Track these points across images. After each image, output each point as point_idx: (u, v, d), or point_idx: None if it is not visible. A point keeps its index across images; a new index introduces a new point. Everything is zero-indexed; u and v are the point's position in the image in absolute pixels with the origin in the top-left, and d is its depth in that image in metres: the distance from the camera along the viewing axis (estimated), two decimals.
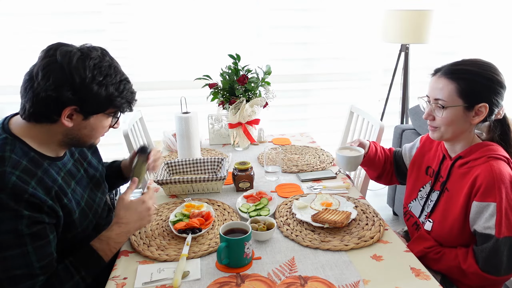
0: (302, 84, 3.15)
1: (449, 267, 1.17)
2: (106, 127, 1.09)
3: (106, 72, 0.99)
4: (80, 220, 1.09)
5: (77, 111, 0.98)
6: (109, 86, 1.00)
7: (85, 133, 1.05)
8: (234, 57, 1.95)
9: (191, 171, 1.68)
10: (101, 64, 0.98)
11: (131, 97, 1.09)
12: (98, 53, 1.00)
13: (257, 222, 1.22)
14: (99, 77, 0.97)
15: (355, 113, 2.16)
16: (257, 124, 2.03)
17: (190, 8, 2.79)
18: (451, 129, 1.17)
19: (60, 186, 1.03)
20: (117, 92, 1.02)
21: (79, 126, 1.02)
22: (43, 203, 0.94)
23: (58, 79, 0.93)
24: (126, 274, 1.06)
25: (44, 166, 1.00)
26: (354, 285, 1.00)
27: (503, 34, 3.22)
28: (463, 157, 1.19)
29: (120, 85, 1.03)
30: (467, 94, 1.12)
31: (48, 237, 0.97)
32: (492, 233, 1.07)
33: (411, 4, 2.98)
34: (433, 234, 1.24)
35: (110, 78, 1.00)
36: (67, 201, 1.03)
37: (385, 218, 2.74)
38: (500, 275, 1.09)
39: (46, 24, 2.64)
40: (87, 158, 1.25)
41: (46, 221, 0.96)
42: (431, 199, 1.28)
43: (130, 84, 1.07)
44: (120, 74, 1.04)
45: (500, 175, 1.08)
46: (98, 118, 1.04)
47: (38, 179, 0.96)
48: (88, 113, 1.01)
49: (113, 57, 1.06)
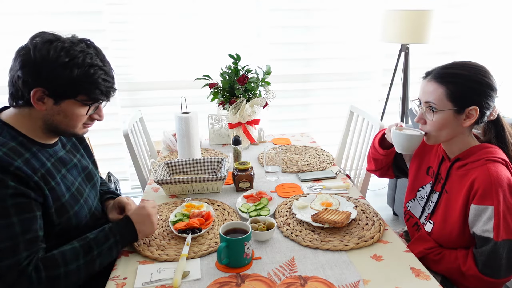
0: (302, 84, 3.15)
1: (448, 268, 1.17)
2: (81, 116, 1.05)
3: (74, 55, 0.97)
4: (71, 203, 1.08)
5: (46, 94, 0.98)
6: (74, 69, 0.97)
7: (60, 119, 1.03)
8: (234, 57, 1.95)
9: (191, 171, 1.68)
10: (70, 48, 0.97)
11: (104, 86, 1.03)
12: (73, 39, 1.01)
13: (257, 222, 1.23)
14: (64, 58, 0.96)
15: (355, 113, 2.16)
16: (257, 124, 2.03)
17: (190, 8, 2.79)
18: (444, 133, 1.17)
19: (48, 170, 1.03)
20: (84, 77, 0.99)
21: (52, 111, 1.01)
22: (29, 177, 0.94)
23: (23, 60, 0.96)
24: (126, 274, 1.06)
25: (33, 150, 1.02)
26: (354, 285, 1.00)
27: (503, 34, 3.22)
28: (462, 159, 1.19)
29: (90, 70, 0.99)
30: (456, 98, 1.12)
31: (34, 212, 0.96)
32: (490, 236, 1.07)
33: (411, 4, 2.98)
34: (433, 236, 1.24)
35: (76, 60, 0.97)
36: (54, 184, 1.03)
37: (385, 218, 2.74)
38: (500, 277, 1.09)
39: (46, 24, 2.64)
40: (80, 151, 1.26)
41: (32, 196, 0.95)
42: (431, 200, 1.28)
43: (102, 71, 1.02)
44: (92, 60, 1.00)
45: (497, 178, 1.07)
46: (70, 105, 1.02)
47: (25, 159, 0.97)
48: (57, 97, 0.99)
49: (96, 48, 1.05)
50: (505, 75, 3.18)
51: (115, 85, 1.09)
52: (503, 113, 2.76)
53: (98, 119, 1.12)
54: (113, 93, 1.09)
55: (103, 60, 1.04)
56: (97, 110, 1.09)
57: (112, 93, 1.08)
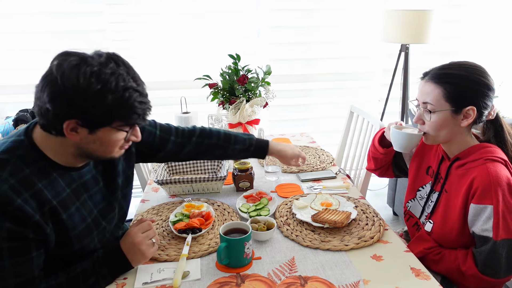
0: (302, 84, 3.15)
1: (448, 268, 1.17)
2: (119, 141, 0.97)
3: (105, 80, 0.87)
4: (80, 237, 1.01)
5: (80, 125, 0.90)
6: (108, 96, 0.87)
7: (95, 147, 0.96)
8: (234, 57, 1.95)
9: (191, 171, 1.68)
10: (100, 72, 0.87)
11: (141, 108, 0.94)
12: (101, 59, 0.90)
13: (257, 222, 1.23)
14: (96, 86, 0.86)
15: (355, 113, 2.16)
16: (257, 124, 2.03)
17: (190, 8, 2.79)
18: (442, 133, 1.17)
19: (62, 200, 0.97)
20: (120, 103, 0.89)
21: (86, 140, 0.93)
22: (29, 217, 0.88)
23: (52, 92, 0.86)
24: (126, 274, 1.05)
25: (53, 176, 0.96)
26: (354, 285, 1.00)
27: (503, 34, 3.22)
28: (461, 159, 1.19)
29: (124, 94, 0.89)
30: (454, 98, 1.12)
31: (30, 254, 0.91)
32: (489, 235, 1.07)
33: (411, 4, 2.98)
34: (433, 235, 1.24)
35: (109, 86, 0.87)
36: (66, 217, 0.97)
37: (385, 218, 2.74)
38: (499, 277, 1.09)
39: (46, 24, 2.64)
40: (115, 170, 1.15)
41: (30, 237, 0.89)
42: (431, 199, 1.28)
43: (138, 93, 0.93)
44: (125, 82, 0.90)
45: (496, 178, 1.07)
46: (106, 132, 0.93)
47: (34, 191, 0.91)
48: (92, 127, 0.91)
49: (125, 63, 0.95)
50: (505, 75, 3.18)
51: (150, 102, 0.99)
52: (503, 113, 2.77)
53: (134, 140, 1.03)
54: (150, 112, 0.99)
55: (135, 78, 0.94)
56: (133, 131, 1.01)
57: (149, 113, 0.99)
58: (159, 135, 1.32)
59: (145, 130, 1.28)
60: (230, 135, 1.40)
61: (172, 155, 1.36)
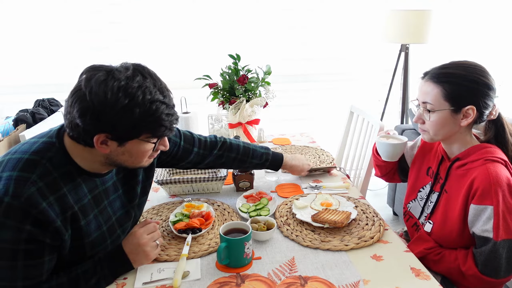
0: (302, 84, 3.15)
1: (448, 269, 1.17)
2: (147, 152, 0.99)
3: (133, 95, 0.88)
4: (94, 244, 1.02)
5: (109, 138, 0.91)
6: (135, 110, 0.88)
7: (125, 159, 0.98)
8: (234, 57, 1.95)
9: (191, 171, 1.68)
10: (127, 86, 0.88)
11: (168, 121, 0.95)
12: (128, 73, 0.90)
13: (257, 222, 1.22)
14: (123, 100, 0.87)
15: (355, 113, 2.16)
16: (257, 124, 2.03)
17: (190, 8, 2.79)
18: (441, 132, 1.18)
19: (83, 206, 0.98)
20: (147, 116, 0.90)
21: (116, 152, 0.95)
22: (50, 223, 0.89)
23: (82, 108, 0.87)
24: (126, 274, 1.05)
25: (77, 182, 0.97)
26: (354, 285, 1.00)
27: (503, 34, 3.22)
28: (461, 159, 1.19)
29: (151, 106, 0.90)
30: (453, 97, 1.12)
31: (43, 258, 0.92)
32: (490, 236, 1.07)
33: (411, 4, 2.98)
34: (433, 236, 1.24)
35: (136, 100, 0.88)
36: (84, 224, 0.98)
37: (385, 218, 2.74)
38: (499, 277, 1.09)
39: (46, 24, 2.64)
40: (136, 178, 1.16)
41: (47, 242, 0.91)
42: (431, 200, 1.28)
43: (164, 105, 0.93)
44: (152, 95, 0.91)
45: (496, 178, 1.07)
46: (135, 144, 0.95)
47: (59, 195, 0.92)
48: (121, 140, 0.93)
49: (152, 74, 0.96)
50: (505, 75, 3.18)
51: (177, 113, 1.00)
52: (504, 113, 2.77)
53: (163, 150, 1.05)
54: (177, 123, 1.00)
55: (161, 90, 0.95)
56: (161, 141, 1.02)
57: (176, 123, 1.00)
58: (183, 146, 1.34)
59: (170, 140, 1.29)
60: (249, 149, 1.46)
61: (192, 165, 1.41)
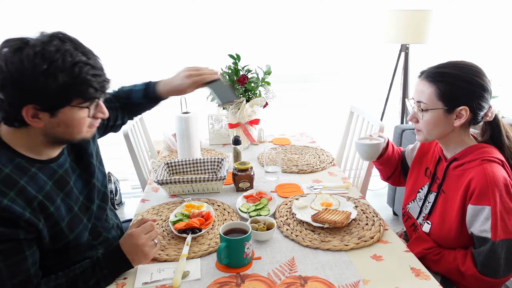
0: (302, 84, 3.15)
1: (448, 269, 1.17)
2: (83, 120, 0.95)
3: (51, 58, 0.84)
4: (71, 227, 1.02)
5: (38, 109, 0.88)
6: (57, 74, 0.84)
7: (62, 130, 0.93)
8: (234, 57, 1.95)
9: (191, 171, 1.68)
10: (44, 51, 0.84)
11: (96, 81, 0.91)
12: (43, 38, 0.87)
13: (257, 222, 1.22)
14: (42, 65, 0.83)
15: (355, 113, 2.16)
16: (257, 124, 2.03)
17: (190, 8, 2.79)
18: (434, 132, 1.18)
19: (47, 193, 0.96)
20: (71, 79, 0.86)
21: (50, 124, 0.91)
22: (18, 217, 0.87)
23: (0, 80, 0.85)
24: (126, 274, 1.05)
25: (31, 172, 0.94)
26: (354, 285, 1.00)
27: (503, 34, 3.22)
28: (458, 159, 1.19)
29: (74, 69, 0.86)
30: (446, 97, 1.12)
31: (23, 253, 0.90)
32: (488, 236, 1.07)
33: (411, 4, 2.98)
34: (432, 236, 1.24)
35: (56, 63, 0.84)
36: (53, 210, 0.97)
37: (385, 218, 2.74)
38: (499, 277, 1.09)
39: (46, 24, 2.64)
40: (87, 152, 1.14)
41: (21, 237, 0.89)
42: (428, 200, 1.28)
43: (89, 66, 0.89)
44: (73, 57, 0.87)
45: (493, 179, 1.07)
46: (68, 113, 0.91)
47: (19, 189, 0.90)
48: (51, 109, 0.89)
49: (72, 39, 0.91)
50: (505, 75, 3.18)
51: (106, 75, 0.96)
52: (503, 113, 2.76)
53: (102, 117, 1.01)
54: (108, 85, 0.97)
55: (85, 52, 0.91)
56: (98, 108, 0.99)
57: (107, 86, 0.96)
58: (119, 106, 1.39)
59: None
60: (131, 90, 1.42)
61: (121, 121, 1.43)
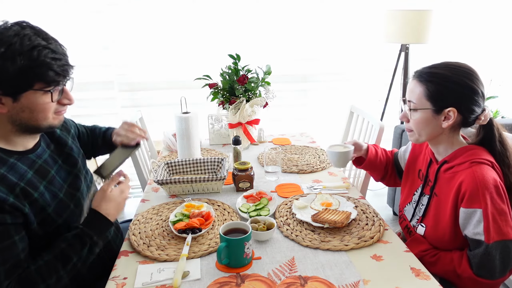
0: (302, 84, 3.15)
1: (445, 271, 1.16)
2: (48, 105, 0.96)
3: (9, 42, 0.86)
4: (58, 212, 1.04)
5: (1, 94, 0.90)
6: (16, 57, 0.86)
7: (27, 116, 0.95)
8: (234, 57, 1.95)
9: (191, 171, 1.68)
10: (2, 36, 0.87)
11: (56, 65, 0.92)
12: (4, 25, 0.90)
13: (257, 222, 1.22)
14: (0, 49, 0.86)
15: (355, 113, 2.16)
16: (257, 124, 2.03)
17: (190, 8, 2.79)
18: (424, 132, 1.18)
19: (29, 181, 0.98)
20: (30, 61, 0.88)
21: (15, 109, 0.93)
22: (3, 201, 0.89)
23: None
24: (126, 274, 1.06)
25: (10, 162, 0.97)
26: (354, 285, 1.00)
27: (503, 34, 3.22)
28: (448, 162, 1.18)
29: (33, 52, 0.88)
30: (435, 98, 1.12)
31: (12, 238, 0.91)
32: (481, 239, 1.06)
33: (411, 4, 2.98)
34: (427, 239, 1.24)
35: (14, 47, 0.86)
36: (37, 196, 0.98)
37: (385, 218, 2.74)
38: (495, 278, 1.08)
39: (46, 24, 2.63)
40: (67, 145, 1.19)
41: (8, 222, 0.90)
42: (421, 203, 1.28)
43: (48, 49, 0.91)
44: (31, 41, 0.89)
45: (483, 181, 1.06)
46: (30, 97, 0.92)
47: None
48: (13, 93, 0.90)
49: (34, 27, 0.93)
50: (505, 75, 3.18)
51: (69, 61, 0.97)
52: (504, 113, 2.76)
53: (68, 103, 1.02)
54: (71, 70, 0.97)
55: (46, 38, 0.93)
56: (63, 94, 1.00)
57: (69, 71, 0.97)
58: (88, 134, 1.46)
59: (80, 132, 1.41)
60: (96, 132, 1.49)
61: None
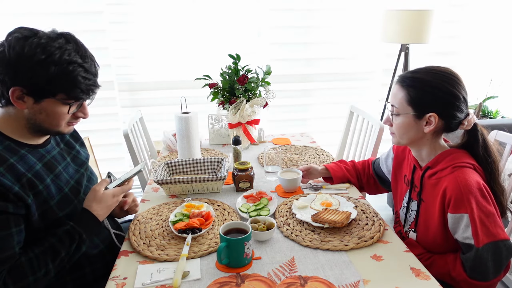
0: (302, 84, 3.15)
1: (440, 273, 1.16)
2: (63, 115, 1.02)
3: (50, 52, 0.92)
4: (61, 206, 1.06)
5: (25, 93, 0.95)
6: (51, 67, 0.93)
7: (42, 118, 1.00)
8: (234, 57, 1.95)
9: (191, 171, 1.68)
10: (46, 44, 0.93)
11: (84, 84, 0.98)
12: (51, 34, 0.96)
13: (257, 222, 1.23)
14: (40, 56, 0.92)
15: (355, 113, 2.16)
16: (257, 124, 2.03)
17: (190, 8, 2.79)
18: (405, 136, 1.18)
19: (36, 172, 1.01)
20: (62, 75, 0.94)
21: (33, 110, 0.99)
22: (7, 190, 0.91)
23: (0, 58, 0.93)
24: (126, 274, 1.06)
25: (21, 153, 1.01)
26: (354, 285, 1.00)
27: (503, 34, 3.22)
28: (431, 167, 1.18)
29: (68, 67, 0.95)
30: (416, 103, 1.12)
31: (10, 229, 0.92)
32: (471, 243, 1.06)
33: (411, 4, 2.98)
34: (420, 244, 1.24)
35: (53, 57, 0.93)
36: (42, 188, 1.01)
37: (385, 218, 2.74)
38: (489, 279, 1.08)
39: (46, 24, 2.63)
40: (75, 148, 1.24)
41: (10, 211, 0.92)
42: (411, 208, 1.28)
43: (82, 68, 0.98)
44: (70, 56, 0.95)
45: (466, 186, 1.06)
46: (50, 103, 0.98)
47: (8, 165, 0.95)
48: (36, 96, 0.96)
49: (77, 42, 1.00)
50: (505, 75, 3.18)
51: (97, 82, 1.04)
52: (504, 113, 2.76)
53: (82, 117, 1.08)
54: (95, 91, 1.04)
55: (83, 56, 0.99)
56: (81, 108, 1.06)
57: (95, 91, 1.03)
58: None
59: None
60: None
61: None
